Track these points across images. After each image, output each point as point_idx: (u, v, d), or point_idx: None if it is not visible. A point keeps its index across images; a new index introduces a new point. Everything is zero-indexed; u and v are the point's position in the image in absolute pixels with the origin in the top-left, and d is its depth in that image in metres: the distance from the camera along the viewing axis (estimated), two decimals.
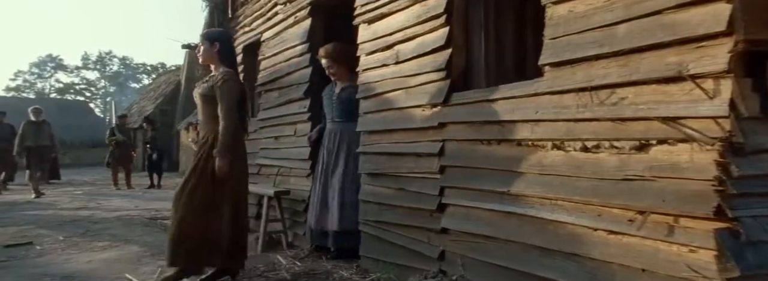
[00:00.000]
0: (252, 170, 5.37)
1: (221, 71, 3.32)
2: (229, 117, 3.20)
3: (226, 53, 3.42)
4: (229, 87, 3.24)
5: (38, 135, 9.63)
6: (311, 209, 4.06)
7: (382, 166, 3.50)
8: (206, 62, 3.47)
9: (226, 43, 3.50)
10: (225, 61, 3.38)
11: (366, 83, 3.69)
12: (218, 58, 3.37)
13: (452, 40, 2.87)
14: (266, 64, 5.28)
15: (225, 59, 3.39)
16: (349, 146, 3.89)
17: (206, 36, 3.47)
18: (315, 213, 3.99)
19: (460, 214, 2.76)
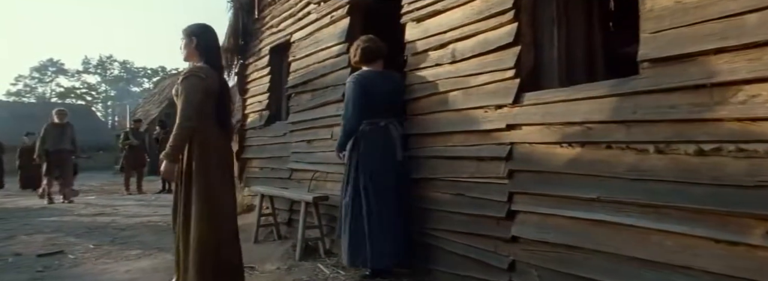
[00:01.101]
0: (283, 174, 5.25)
1: (188, 67, 3.12)
2: (182, 115, 2.91)
3: (205, 48, 3.14)
4: (189, 83, 2.96)
5: (60, 138, 9.11)
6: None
7: (436, 171, 3.33)
8: (188, 59, 3.22)
9: (205, 37, 3.17)
10: (204, 57, 3.13)
11: (415, 83, 3.53)
12: (197, 54, 3.13)
13: (521, 36, 2.71)
14: (297, 65, 5.12)
15: (204, 55, 3.13)
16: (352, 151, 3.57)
17: (185, 31, 3.22)
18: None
19: (533, 222, 2.59)
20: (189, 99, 2.94)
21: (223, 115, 3.17)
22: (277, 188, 5.07)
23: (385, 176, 3.45)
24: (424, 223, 3.42)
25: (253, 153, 6.06)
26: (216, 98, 3.07)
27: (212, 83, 3.03)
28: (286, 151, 5.31)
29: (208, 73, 3.05)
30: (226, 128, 3.22)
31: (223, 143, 3.15)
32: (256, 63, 6.03)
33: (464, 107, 3.08)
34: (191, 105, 2.92)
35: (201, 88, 2.95)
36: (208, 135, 3.02)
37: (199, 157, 2.97)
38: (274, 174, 5.53)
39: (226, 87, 3.24)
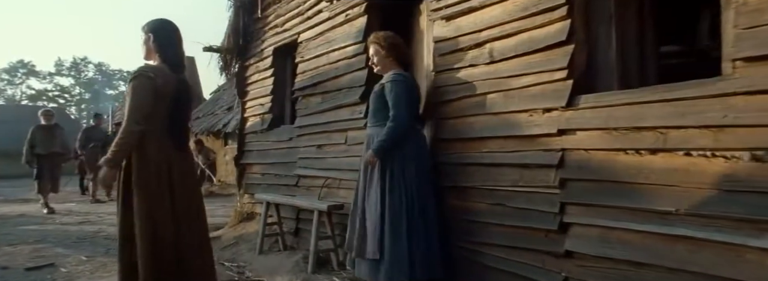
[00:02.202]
0: (288, 181, 5.00)
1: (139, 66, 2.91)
2: (129, 119, 2.71)
3: (161, 46, 2.95)
4: (137, 84, 2.77)
5: (50, 141, 8.64)
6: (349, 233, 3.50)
7: (469, 178, 3.12)
8: (146, 57, 3.02)
9: (163, 33, 2.99)
10: (162, 55, 2.94)
11: (445, 85, 3.32)
12: (154, 52, 2.96)
13: (574, 34, 2.51)
14: (305, 67, 4.88)
15: (161, 52, 2.95)
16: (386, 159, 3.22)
17: (143, 27, 3.02)
18: (355, 238, 3.38)
19: (592, 236, 2.39)
20: (136, 101, 2.74)
21: (178, 120, 2.95)
22: (284, 196, 4.81)
23: (426, 184, 3.22)
24: (458, 235, 3.21)
25: (253, 158, 5.80)
26: (170, 100, 2.86)
27: (166, 84, 2.82)
28: (291, 156, 5.05)
29: (160, 72, 2.84)
30: (179, 136, 2.99)
31: (170, 153, 2.88)
32: (257, 64, 5.77)
33: (504, 111, 2.88)
34: (138, 108, 2.73)
35: (150, 89, 2.75)
36: (152, 143, 2.80)
37: (139, 171, 2.77)
38: (278, 181, 5.27)
39: (185, 89, 3.00)
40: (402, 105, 3.20)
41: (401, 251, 3.09)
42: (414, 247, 3.10)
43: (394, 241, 3.11)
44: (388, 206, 3.16)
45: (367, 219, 3.29)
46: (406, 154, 3.23)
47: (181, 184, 2.91)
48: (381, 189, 3.21)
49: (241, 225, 5.72)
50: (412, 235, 3.11)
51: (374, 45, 3.44)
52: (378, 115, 3.34)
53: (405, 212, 3.14)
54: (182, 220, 2.88)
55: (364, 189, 3.35)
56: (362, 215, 3.34)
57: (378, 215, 3.19)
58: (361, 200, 3.38)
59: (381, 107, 3.31)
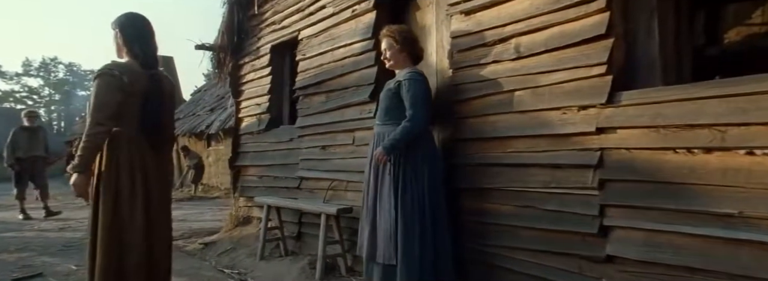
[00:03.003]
0: (289, 183, 4.82)
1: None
2: (91, 121, 2.56)
3: (129, 41, 2.80)
4: (100, 83, 2.61)
5: (32, 144, 8.20)
6: (361, 235, 3.32)
7: (492, 180, 2.99)
8: (118, 55, 2.87)
9: (132, 29, 2.83)
10: (131, 51, 2.80)
11: (463, 83, 3.19)
12: (123, 48, 2.82)
13: (613, 28, 2.39)
14: (307, 65, 4.71)
15: (130, 48, 2.80)
16: (398, 158, 3.08)
17: (112, 23, 2.87)
18: (365, 240, 3.22)
19: (637, 239, 2.27)
20: (98, 101, 2.58)
21: (152, 120, 2.77)
22: (286, 199, 4.63)
23: (438, 186, 3.10)
24: (478, 239, 3.08)
25: (249, 160, 5.60)
26: (142, 99, 2.70)
27: (134, 82, 2.66)
28: (292, 158, 4.88)
29: (126, 69, 2.69)
30: (156, 136, 2.81)
31: (146, 155, 2.73)
32: (253, 63, 5.57)
33: (532, 109, 2.75)
34: (100, 108, 2.57)
35: (115, 88, 2.60)
36: (121, 146, 2.66)
37: (106, 173, 2.62)
38: (277, 183, 5.08)
39: (158, 86, 2.82)
40: (420, 105, 3.07)
41: (413, 254, 2.97)
42: (426, 250, 2.98)
43: (407, 245, 2.98)
44: (401, 209, 3.03)
45: (379, 223, 3.15)
46: (419, 155, 3.10)
47: (157, 189, 2.76)
48: (394, 192, 3.07)
49: (237, 229, 5.52)
50: (425, 238, 2.99)
51: (387, 39, 3.29)
52: (390, 113, 3.19)
53: (417, 215, 3.02)
54: (155, 229, 2.73)
55: (375, 191, 3.20)
56: (373, 217, 3.19)
57: (392, 219, 3.05)
58: (371, 201, 3.22)
59: (394, 106, 3.17)
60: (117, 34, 2.83)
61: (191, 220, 7.63)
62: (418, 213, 3.01)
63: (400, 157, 3.09)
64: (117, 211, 2.61)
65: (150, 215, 2.71)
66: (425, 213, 3.02)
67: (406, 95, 3.09)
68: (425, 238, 3.00)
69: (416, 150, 3.10)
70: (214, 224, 6.97)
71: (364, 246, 3.26)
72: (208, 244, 5.34)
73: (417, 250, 2.98)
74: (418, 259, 2.98)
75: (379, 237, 3.13)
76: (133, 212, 2.64)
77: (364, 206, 3.30)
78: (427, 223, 3.02)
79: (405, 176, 3.06)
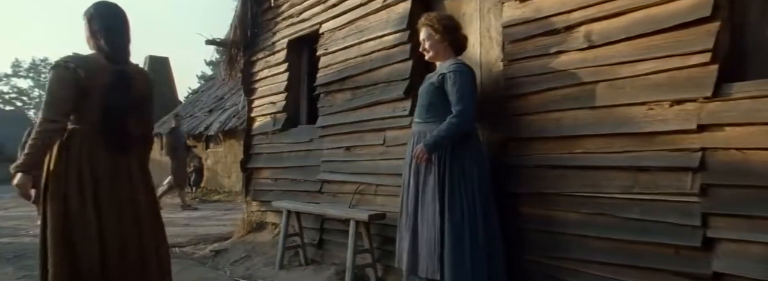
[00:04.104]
0: (309, 187, 4.46)
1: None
2: (41, 117, 2.37)
3: (95, 32, 2.58)
4: (52, 77, 2.42)
5: None
6: (399, 246, 2.97)
7: (554, 184, 2.66)
8: (89, 47, 2.65)
9: (100, 19, 2.60)
10: (96, 43, 2.58)
11: (515, 77, 2.86)
12: (90, 39, 2.61)
13: (719, 10, 2.06)
14: (329, 60, 4.35)
15: (95, 40, 2.58)
16: (444, 159, 2.76)
17: (83, 14, 2.64)
18: (405, 250, 2.88)
19: (754, 255, 1.93)
20: (49, 96, 2.39)
21: (115, 119, 2.53)
22: (309, 204, 4.27)
23: (488, 191, 2.77)
24: (538, 250, 2.74)
25: (263, 162, 5.23)
26: (103, 96, 2.47)
27: (94, 77, 2.44)
28: (312, 159, 4.52)
29: (86, 63, 2.46)
30: (118, 138, 2.55)
31: (102, 159, 2.48)
32: (267, 59, 5.20)
33: (608, 104, 2.42)
34: (52, 104, 2.37)
35: (68, 82, 2.39)
36: (74, 146, 2.43)
37: (54, 175, 2.41)
38: (294, 186, 4.72)
39: (125, 83, 2.57)
40: (468, 99, 2.73)
41: (464, 268, 2.64)
42: (478, 263, 2.65)
43: (456, 256, 2.65)
44: (448, 217, 2.69)
45: (420, 231, 2.80)
46: (467, 155, 2.77)
47: (113, 196, 2.49)
48: (439, 197, 2.73)
49: (250, 235, 5.15)
50: (476, 249, 2.66)
51: (426, 28, 2.95)
52: (432, 110, 2.85)
53: (467, 222, 2.68)
54: (110, 244, 2.45)
55: (416, 195, 2.85)
56: (414, 224, 2.83)
57: (437, 227, 2.71)
58: (411, 207, 2.87)
59: (437, 101, 2.82)
60: (85, 24, 2.60)
61: (195, 225, 7.24)
62: (467, 221, 2.68)
63: (444, 157, 2.75)
64: (66, 215, 2.38)
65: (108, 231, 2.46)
66: (476, 221, 2.69)
67: (451, 89, 2.75)
68: (476, 249, 2.66)
69: (464, 149, 2.77)
70: (219, 229, 6.60)
71: (402, 257, 2.91)
72: (219, 251, 4.96)
73: (468, 263, 2.64)
74: (470, 273, 2.63)
75: (421, 248, 2.78)
76: (84, 216, 2.40)
77: (403, 213, 2.95)
78: (479, 232, 2.68)
79: (451, 178, 2.72)
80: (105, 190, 2.47)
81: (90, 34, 2.60)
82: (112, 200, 2.50)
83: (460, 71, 2.75)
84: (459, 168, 2.72)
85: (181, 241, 5.73)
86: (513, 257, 2.80)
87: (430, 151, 2.73)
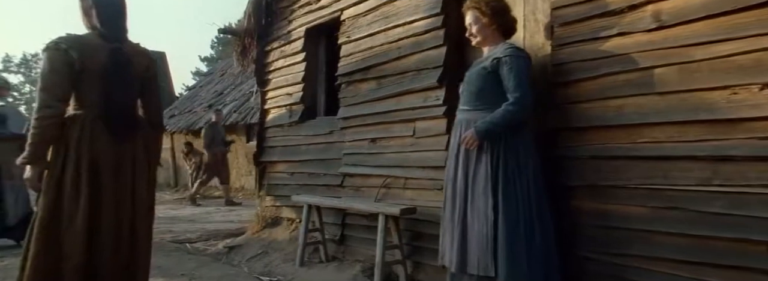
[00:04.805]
0: (329, 180, 4.22)
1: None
2: (37, 104, 2.22)
3: (89, 8, 2.41)
4: (44, 60, 2.27)
5: None
6: (443, 242, 2.74)
7: (613, 176, 2.43)
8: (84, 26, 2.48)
9: None
10: (90, 21, 2.42)
11: (567, 63, 2.63)
12: (83, 17, 2.45)
13: None
14: (352, 48, 4.10)
15: (88, 17, 2.42)
16: (497, 149, 2.51)
17: None
18: (449, 247, 2.65)
19: None
20: (43, 80, 2.24)
21: (116, 103, 2.37)
22: (331, 198, 4.03)
23: (542, 183, 2.54)
24: (595, 246, 2.51)
25: (278, 156, 4.96)
26: (101, 78, 2.32)
27: (87, 58, 2.28)
28: (332, 152, 4.27)
29: (77, 43, 2.29)
30: (120, 122, 2.39)
31: (102, 146, 2.31)
32: (282, 48, 4.94)
33: (680, 89, 2.20)
34: (47, 88, 2.22)
35: (61, 64, 2.23)
36: (73, 132, 2.27)
37: (52, 163, 2.27)
38: (313, 180, 4.46)
39: (124, 63, 2.40)
40: (526, 86, 2.49)
41: (520, 264, 2.41)
42: (534, 259, 2.42)
43: (512, 252, 2.41)
44: (503, 211, 2.45)
45: (470, 226, 2.55)
46: (521, 146, 2.54)
47: (115, 188, 2.32)
48: (492, 189, 2.49)
49: (265, 231, 4.89)
50: (532, 245, 2.43)
51: (473, 11, 2.71)
52: (483, 96, 2.60)
53: (523, 216, 2.45)
54: (104, 239, 2.28)
55: (465, 188, 2.60)
56: (463, 219, 2.59)
57: (490, 221, 2.46)
58: (459, 200, 2.62)
59: (489, 87, 2.58)
60: (78, 2, 2.43)
61: (201, 221, 6.96)
62: (523, 215, 2.45)
63: (498, 146, 2.51)
64: (58, 206, 2.23)
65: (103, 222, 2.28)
66: (532, 215, 2.46)
67: (508, 74, 2.51)
68: (533, 244, 2.43)
69: (518, 138, 2.54)
70: (228, 225, 6.33)
71: (446, 254, 2.68)
72: (233, 247, 4.71)
73: (524, 259, 2.41)
74: (527, 270, 2.40)
75: (470, 243, 2.54)
76: (74, 209, 2.23)
77: (447, 206, 2.71)
78: (535, 227, 2.46)
79: (506, 169, 2.49)
80: (107, 182, 2.30)
81: (83, 12, 2.42)
82: (113, 195, 2.32)
83: (517, 56, 2.51)
84: (514, 159, 2.48)
85: (191, 237, 5.47)
86: (565, 253, 2.57)
87: (482, 138, 2.50)
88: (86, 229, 2.23)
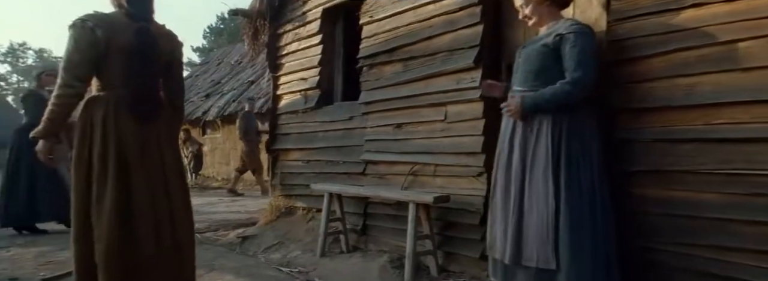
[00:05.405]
0: (348, 168, 3.96)
1: None
2: (60, 81, 2.15)
3: None
4: (69, 37, 2.17)
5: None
6: (493, 232, 2.49)
7: (683, 160, 2.20)
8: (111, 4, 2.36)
9: None
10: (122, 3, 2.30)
11: (627, 38, 2.39)
12: None
13: None
14: (375, 29, 3.82)
15: None
16: (559, 127, 2.27)
17: None
18: (502, 237, 2.41)
19: None
20: (66, 59, 2.15)
21: (141, 83, 2.29)
22: (355, 186, 3.77)
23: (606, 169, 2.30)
24: (656, 235, 2.28)
25: (292, 143, 4.68)
26: (127, 57, 2.22)
27: (114, 36, 2.18)
28: (352, 139, 4.00)
29: (103, 22, 2.18)
30: (145, 103, 2.30)
31: (127, 126, 2.22)
32: (296, 31, 4.64)
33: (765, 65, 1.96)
34: (70, 67, 2.14)
35: (86, 43, 2.15)
36: (97, 113, 2.19)
37: (79, 144, 2.22)
38: (331, 168, 4.20)
39: (149, 43, 2.30)
40: (589, 66, 2.24)
41: (583, 257, 2.17)
42: (599, 251, 2.19)
43: (575, 244, 2.17)
44: (565, 197, 2.21)
45: (528, 214, 2.30)
46: (587, 126, 2.30)
47: (143, 168, 2.23)
48: (554, 174, 2.24)
49: (279, 221, 4.61)
50: (596, 236, 2.19)
51: None
52: (543, 76, 2.34)
53: (588, 205, 2.21)
54: (140, 220, 2.19)
55: (523, 172, 2.34)
56: (519, 206, 2.33)
57: (550, 209, 2.22)
58: (514, 185, 2.36)
59: (551, 65, 2.32)
60: None
61: (206, 212, 6.66)
62: (587, 202, 2.21)
63: (559, 125, 2.27)
64: (89, 188, 2.17)
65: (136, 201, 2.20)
66: (596, 203, 2.22)
67: (571, 51, 2.25)
68: (596, 235, 2.20)
69: (583, 117, 2.31)
70: (235, 215, 6.05)
71: (498, 245, 2.43)
72: (247, 237, 4.44)
73: (588, 251, 2.17)
74: (591, 263, 2.17)
75: (527, 233, 2.30)
76: (102, 189, 2.16)
77: (498, 194, 2.46)
78: (598, 215, 2.21)
79: (570, 153, 2.24)
80: (133, 161, 2.21)
81: None
82: (143, 175, 2.22)
83: (583, 32, 2.25)
84: (577, 140, 2.24)
85: (200, 227, 5.17)
86: (623, 243, 2.33)
87: (527, 110, 2.30)
88: (115, 209, 2.14)
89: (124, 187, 2.18)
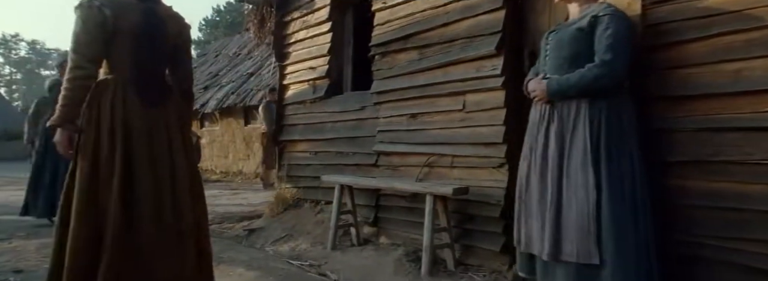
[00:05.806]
0: (359, 159, 3.80)
1: None
2: (70, 64, 2.03)
3: None
4: (76, 18, 2.06)
5: None
6: (518, 222, 2.36)
7: (725, 151, 2.06)
8: None
9: None
10: None
11: (663, 22, 2.24)
12: None
13: None
14: (388, 16, 3.65)
15: None
16: (598, 115, 2.11)
17: None
18: (524, 227, 2.31)
19: None
20: (75, 40, 2.04)
21: (148, 66, 2.17)
22: (367, 178, 3.61)
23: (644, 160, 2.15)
24: (698, 229, 2.14)
25: (299, 134, 4.52)
26: (134, 39, 2.11)
27: (120, 17, 2.07)
28: (363, 130, 3.85)
29: (111, 1, 2.07)
30: (152, 87, 2.18)
31: (134, 111, 2.09)
32: (305, 19, 4.46)
33: None
34: (79, 49, 2.03)
35: (94, 23, 2.04)
36: (105, 96, 2.07)
37: (86, 128, 2.08)
38: (341, 160, 4.04)
39: (156, 25, 2.18)
40: (621, 50, 2.08)
41: (627, 251, 2.02)
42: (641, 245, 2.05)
43: (619, 238, 2.02)
44: (607, 188, 2.05)
45: (566, 207, 2.14)
46: (625, 115, 2.15)
47: (149, 153, 2.11)
48: (594, 165, 2.08)
49: (286, 213, 4.45)
50: (639, 230, 2.05)
51: None
52: (579, 62, 2.16)
53: (629, 197, 2.06)
54: (144, 207, 2.05)
55: (560, 162, 2.16)
56: (557, 198, 2.17)
57: (591, 202, 2.06)
58: (551, 177, 2.18)
59: (586, 50, 2.17)
60: None
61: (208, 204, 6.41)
62: (629, 193, 2.06)
63: (597, 113, 2.11)
64: (95, 174, 2.03)
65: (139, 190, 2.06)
66: (636, 195, 2.07)
67: (603, 34, 2.10)
68: (638, 228, 2.06)
69: (621, 105, 2.15)
70: (238, 208, 5.88)
71: (535, 240, 2.25)
72: (253, 230, 4.28)
73: (632, 244, 2.03)
74: (634, 257, 2.03)
75: (566, 227, 2.14)
76: (110, 173, 2.03)
77: (533, 186, 2.29)
78: (639, 207, 2.07)
79: (609, 140, 2.09)
80: (139, 145, 2.09)
81: None
82: (148, 160, 2.10)
83: (618, 16, 2.11)
84: (617, 129, 2.09)
85: None
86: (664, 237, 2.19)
87: (551, 95, 2.18)
88: (121, 197, 2.00)
89: (130, 170, 2.06)
